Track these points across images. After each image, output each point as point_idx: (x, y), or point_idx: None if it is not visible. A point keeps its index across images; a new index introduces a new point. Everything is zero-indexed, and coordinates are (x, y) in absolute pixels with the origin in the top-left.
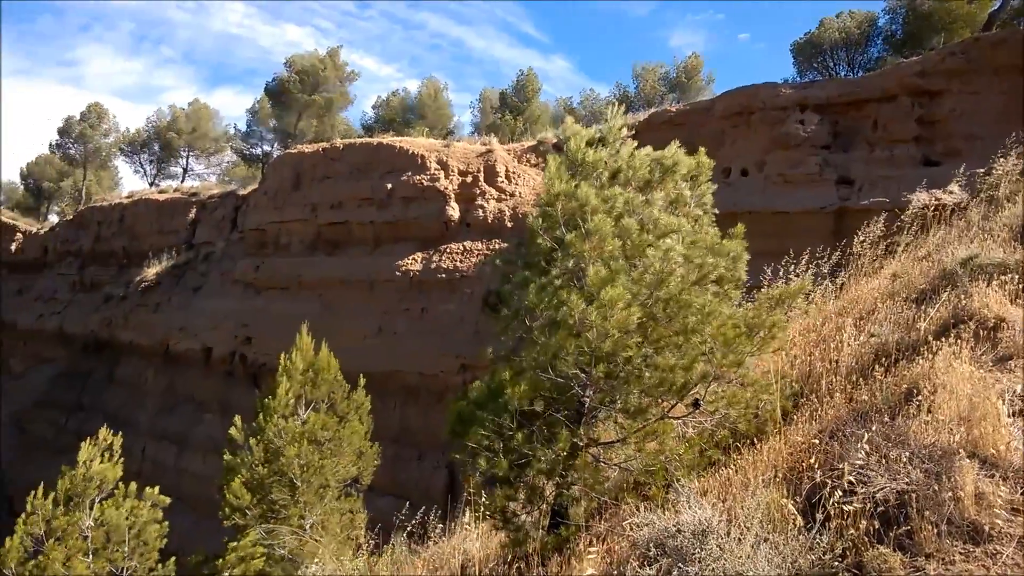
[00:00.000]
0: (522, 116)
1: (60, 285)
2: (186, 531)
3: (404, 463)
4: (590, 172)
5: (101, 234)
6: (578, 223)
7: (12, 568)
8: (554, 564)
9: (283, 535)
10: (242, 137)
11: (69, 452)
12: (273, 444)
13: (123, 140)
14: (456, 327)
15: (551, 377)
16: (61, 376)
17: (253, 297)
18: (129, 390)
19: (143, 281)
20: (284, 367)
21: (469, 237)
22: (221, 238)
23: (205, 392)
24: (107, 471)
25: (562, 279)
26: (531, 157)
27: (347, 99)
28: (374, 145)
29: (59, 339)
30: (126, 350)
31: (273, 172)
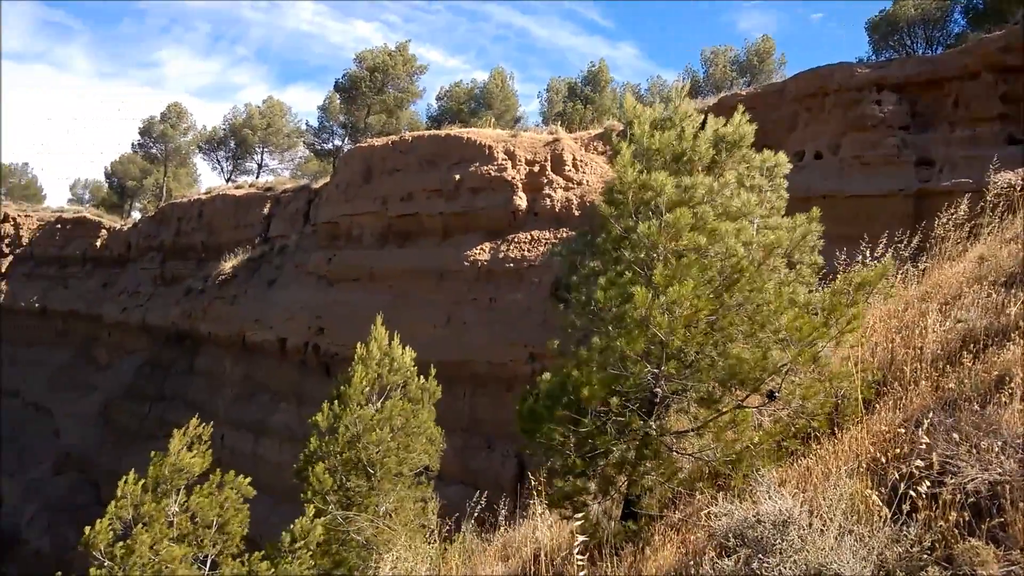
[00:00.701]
0: (592, 105)
1: (143, 279)
2: (263, 518)
3: (473, 452)
4: (656, 156)
5: (181, 229)
6: (649, 211)
7: (101, 550)
8: (627, 554)
9: (359, 521)
10: (313, 132)
11: (153, 439)
12: (350, 431)
13: (201, 138)
14: (524, 316)
15: (621, 371)
16: (145, 366)
17: (326, 289)
18: (208, 380)
19: (221, 274)
20: (360, 356)
21: (537, 226)
22: (295, 231)
23: (280, 382)
24: (196, 460)
25: (631, 270)
26: (598, 145)
27: (415, 92)
28: (442, 137)
29: (142, 331)
30: (205, 341)
31: (344, 166)
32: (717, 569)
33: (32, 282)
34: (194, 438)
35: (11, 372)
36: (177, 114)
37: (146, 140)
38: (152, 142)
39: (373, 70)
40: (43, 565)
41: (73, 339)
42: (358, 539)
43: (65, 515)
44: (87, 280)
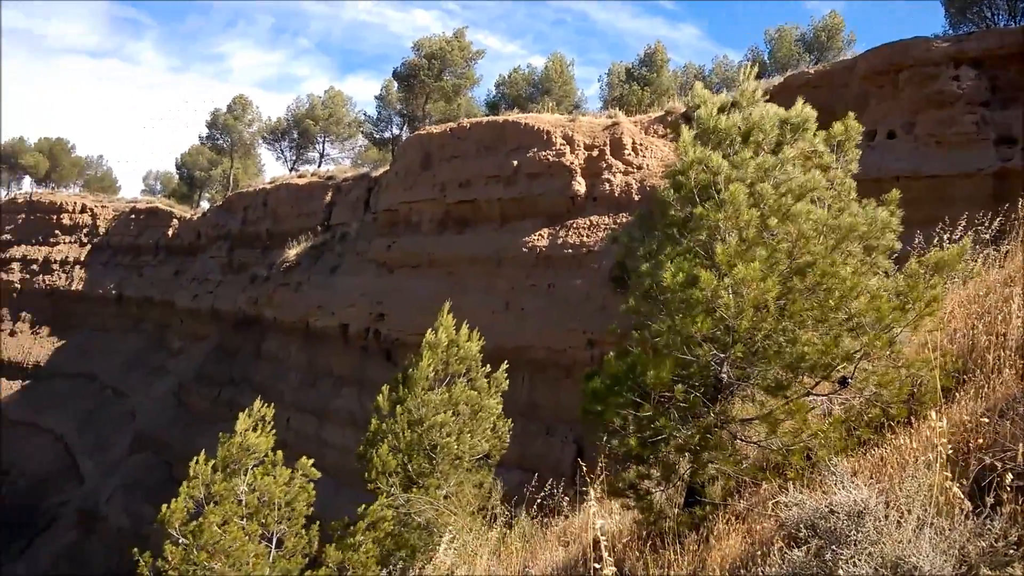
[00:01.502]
0: (650, 88)
1: (212, 267)
2: (327, 499)
3: (532, 437)
4: (722, 138)
5: (247, 218)
6: (712, 193)
7: (176, 528)
8: (690, 542)
9: (420, 504)
10: (372, 121)
11: (223, 422)
12: (414, 414)
13: (265, 129)
14: (583, 302)
15: (684, 356)
16: (214, 351)
17: (386, 275)
18: (274, 364)
19: (285, 262)
20: (427, 341)
21: (596, 212)
22: (355, 219)
23: (343, 366)
24: (261, 441)
25: (694, 252)
26: (658, 128)
27: (473, 79)
28: (500, 123)
29: (212, 317)
30: (271, 327)
31: (403, 153)
32: (787, 560)
33: (109, 270)
34: (258, 419)
35: (90, 357)
36: (242, 106)
37: (213, 132)
38: (218, 133)
39: (431, 57)
40: (122, 539)
41: (147, 325)
42: (419, 521)
43: (141, 493)
44: (160, 268)
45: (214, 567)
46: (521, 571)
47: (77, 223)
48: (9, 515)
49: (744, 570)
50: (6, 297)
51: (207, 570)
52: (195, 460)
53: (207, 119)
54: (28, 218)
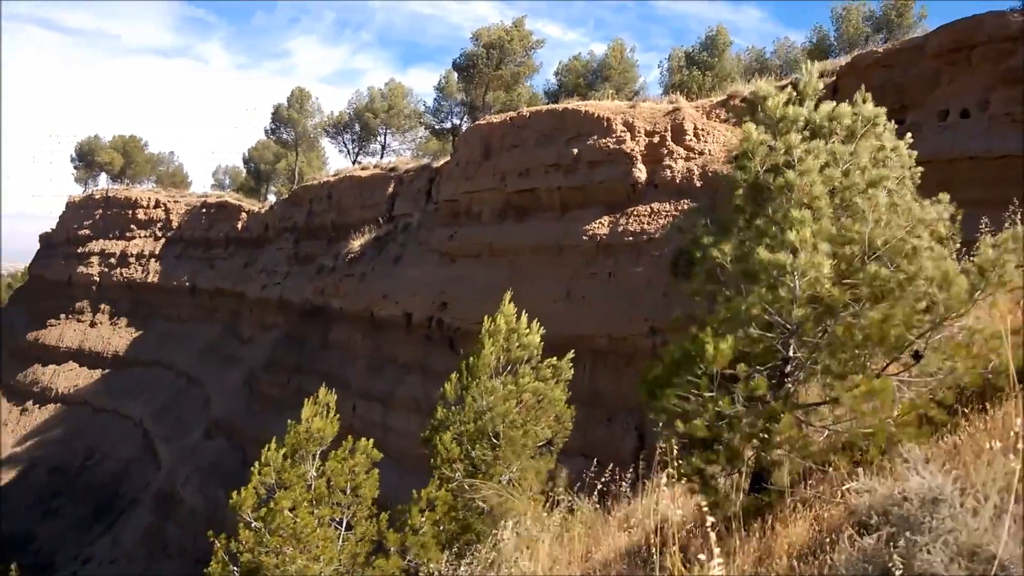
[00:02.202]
0: (711, 72)
1: (279, 258)
2: (392, 484)
3: (593, 425)
4: (789, 128)
5: (312, 210)
6: (779, 174)
7: (248, 512)
8: (756, 529)
9: (484, 489)
10: (432, 112)
11: (292, 409)
12: (477, 402)
13: (328, 122)
14: (644, 290)
15: (750, 335)
16: (283, 340)
17: (448, 265)
18: (340, 353)
19: (349, 252)
20: (488, 329)
21: (657, 199)
22: (417, 210)
23: (407, 355)
24: (326, 427)
25: (762, 232)
26: (720, 113)
27: (532, 68)
28: (559, 111)
29: (281, 307)
30: (337, 316)
31: (463, 144)
32: (857, 547)
33: (182, 263)
34: (323, 406)
35: (166, 346)
36: (301, 99)
37: (277, 125)
38: (282, 127)
39: (490, 47)
40: (197, 522)
41: (220, 315)
42: (483, 506)
43: (215, 477)
44: (230, 260)
45: (286, 551)
46: (584, 556)
47: (151, 218)
48: (94, 497)
49: (812, 557)
50: (86, 290)
51: (279, 553)
52: (266, 447)
53: (271, 113)
54: (105, 213)
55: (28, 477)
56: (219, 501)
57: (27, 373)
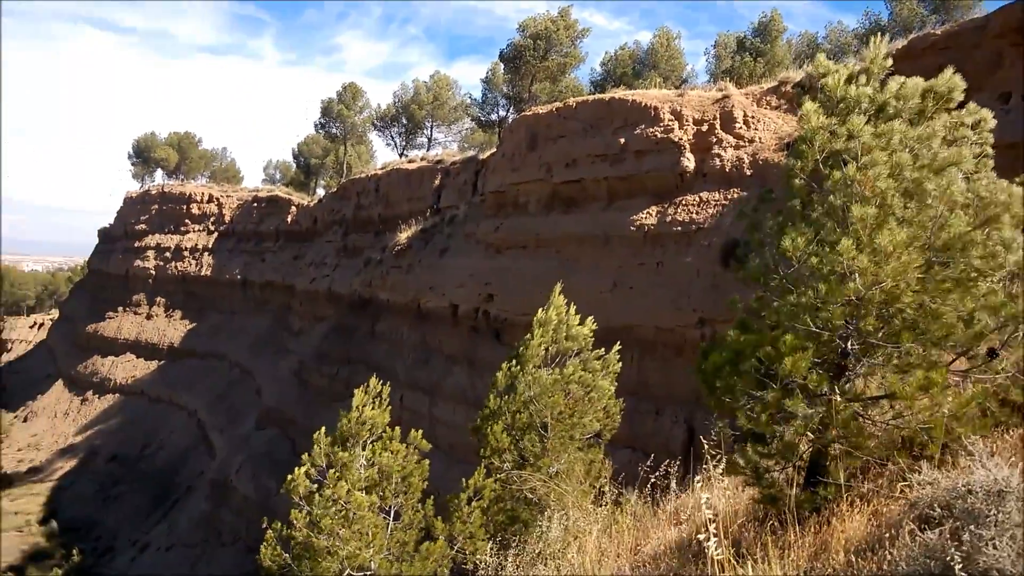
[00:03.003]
0: (762, 58)
1: (328, 251)
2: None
3: (642, 417)
4: (852, 108)
5: (360, 203)
6: (841, 160)
7: (300, 496)
8: (811, 523)
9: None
10: (478, 104)
11: (341, 399)
12: (525, 393)
13: (375, 116)
14: (693, 280)
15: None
16: (332, 332)
17: (494, 256)
18: (388, 344)
19: (397, 245)
20: (538, 320)
21: (705, 188)
22: (464, 201)
23: (453, 346)
24: (377, 416)
25: (823, 223)
26: (771, 100)
27: (578, 58)
28: (606, 100)
29: (329, 299)
30: (384, 308)
31: (509, 135)
32: (918, 541)
33: (234, 256)
34: (375, 396)
35: (219, 338)
36: (352, 94)
37: (326, 120)
38: (331, 121)
39: (536, 38)
40: (249, 509)
41: (270, 307)
42: (531, 497)
43: (267, 466)
44: (280, 253)
45: (338, 531)
46: (633, 549)
47: (205, 212)
48: (152, 485)
49: (870, 552)
50: (143, 283)
51: (331, 535)
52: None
53: (320, 107)
54: (161, 209)
55: (89, 465)
56: (270, 490)
57: (87, 364)
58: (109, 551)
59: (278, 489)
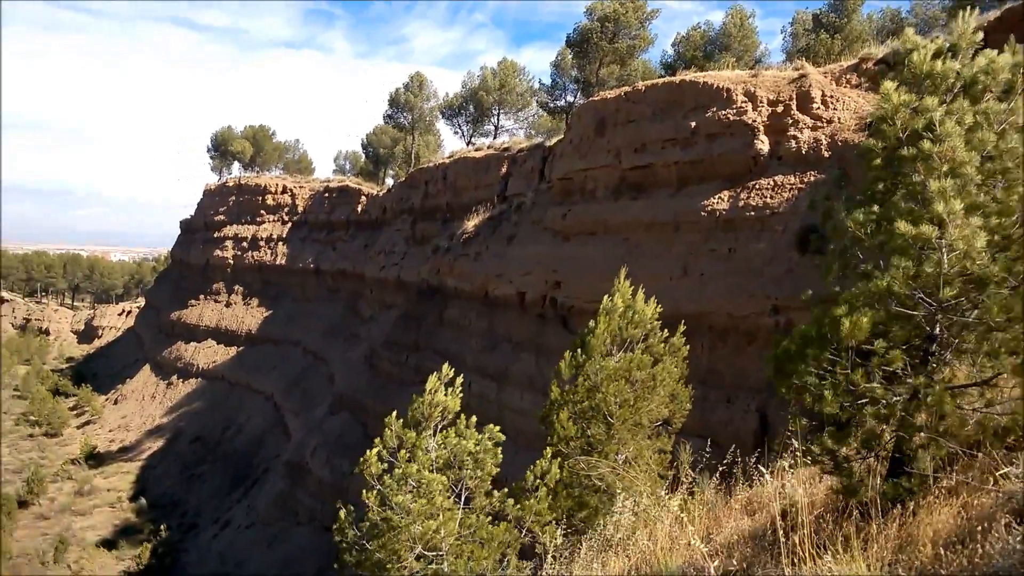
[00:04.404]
0: (840, 35)
1: (397, 239)
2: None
3: (712, 405)
4: (938, 85)
5: (428, 192)
6: (922, 139)
7: (372, 475)
8: (895, 515)
9: (600, 468)
10: (546, 90)
11: (410, 385)
12: (590, 380)
13: (443, 105)
14: (766, 267)
15: (890, 312)
16: (401, 319)
17: (561, 243)
18: (456, 331)
19: (464, 233)
20: (603, 307)
21: (780, 171)
22: (531, 189)
23: (521, 333)
24: (449, 401)
25: (902, 203)
26: (852, 78)
27: (648, 40)
28: (676, 83)
29: (398, 287)
30: (452, 295)
31: (577, 121)
32: (1014, 535)
33: (307, 245)
34: (447, 381)
35: (294, 324)
36: (419, 83)
37: (394, 110)
38: (400, 111)
39: (604, 20)
40: (324, 490)
41: (342, 295)
42: (599, 484)
43: (340, 450)
44: (351, 242)
45: (411, 507)
46: (704, 538)
47: (279, 203)
48: (232, 465)
49: (959, 546)
50: (222, 272)
51: (403, 515)
52: (393, 416)
53: (389, 98)
54: (238, 200)
55: (174, 446)
56: (343, 472)
57: (171, 350)
58: (193, 527)
59: (351, 471)
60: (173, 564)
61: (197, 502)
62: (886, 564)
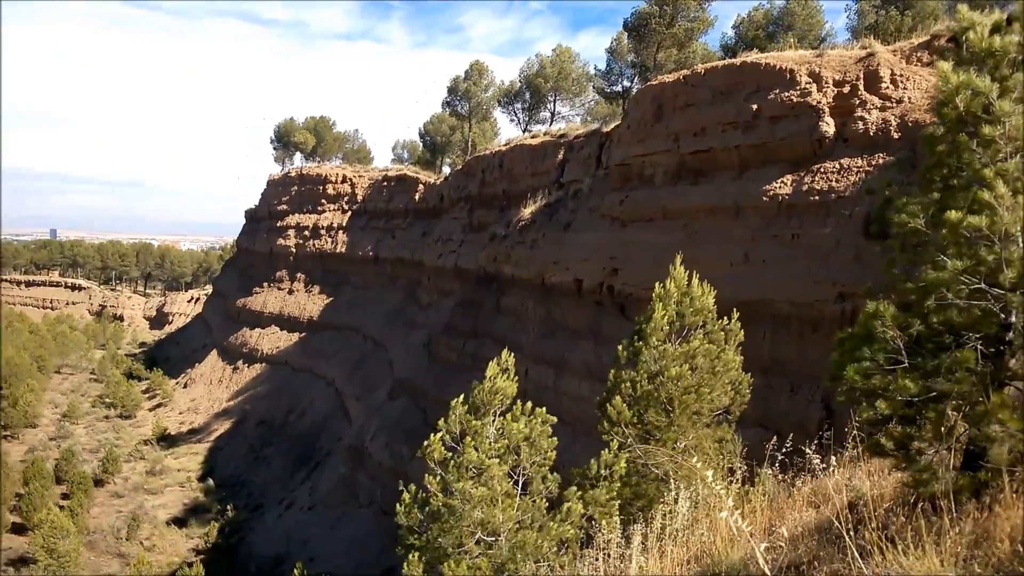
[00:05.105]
0: (911, 11)
1: (454, 227)
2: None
3: (775, 394)
4: (999, 61)
5: (485, 180)
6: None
7: (435, 460)
8: (969, 510)
9: (657, 455)
10: (602, 75)
11: (468, 371)
12: (649, 367)
13: (499, 93)
14: (832, 253)
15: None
16: (459, 306)
17: (619, 230)
18: (513, 318)
19: (521, 220)
20: (658, 294)
21: (846, 154)
22: (587, 175)
23: (578, 320)
24: (507, 387)
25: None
26: (923, 55)
27: (707, 22)
28: (737, 65)
29: (456, 274)
30: (509, 282)
31: (634, 106)
32: None
33: (366, 233)
34: (505, 367)
35: (354, 311)
36: (478, 71)
37: (452, 98)
38: (457, 100)
39: (662, 3)
40: (383, 474)
41: (401, 282)
42: (656, 472)
43: (399, 434)
44: (409, 230)
45: (471, 492)
46: (766, 530)
47: (339, 192)
48: (295, 448)
49: None
50: (285, 260)
51: (464, 496)
52: (453, 401)
53: (447, 86)
54: (300, 190)
55: (240, 428)
56: (403, 456)
57: (237, 336)
58: (258, 508)
59: (410, 456)
60: (239, 543)
61: (262, 483)
62: (960, 560)
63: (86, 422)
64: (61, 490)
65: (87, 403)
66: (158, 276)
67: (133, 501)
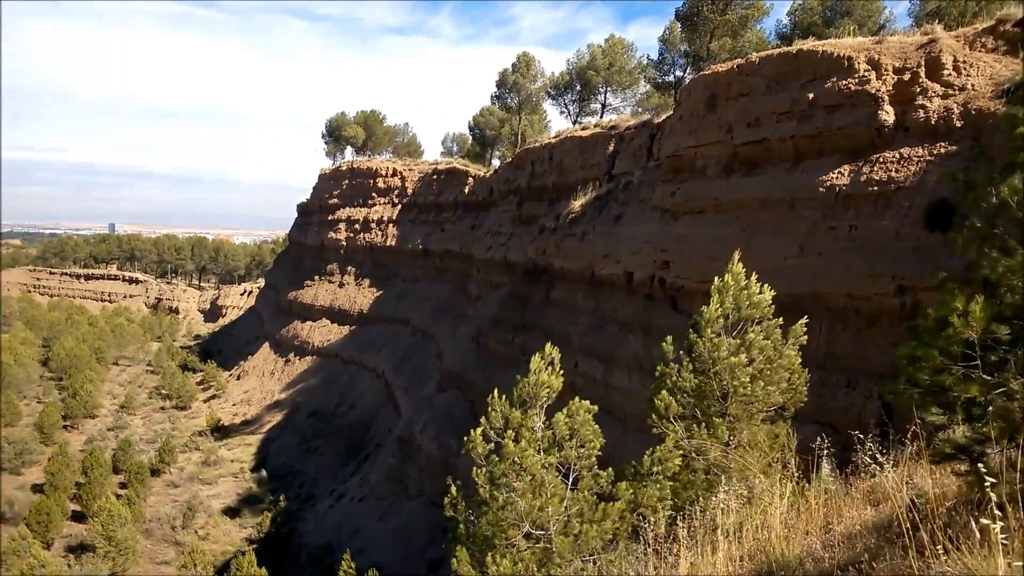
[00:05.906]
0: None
1: (503, 220)
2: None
3: (831, 390)
4: None
5: (535, 172)
6: None
7: (479, 452)
8: None
9: (710, 450)
10: (654, 66)
11: (516, 364)
12: (703, 360)
13: (549, 84)
14: (891, 245)
15: None
16: (508, 299)
17: (670, 222)
18: (562, 311)
19: (570, 213)
20: (715, 287)
21: (907, 143)
22: (638, 167)
23: (628, 313)
24: (552, 380)
25: None
26: (987, 41)
27: (762, 10)
28: (793, 53)
29: (505, 267)
30: (558, 275)
31: (687, 96)
32: None
33: (416, 227)
34: (550, 360)
35: (403, 303)
36: (526, 63)
37: (502, 91)
38: (507, 92)
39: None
40: (432, 466)
41: (450, 275)
42: (706, 465)
43: (448, 426)
44: (458, 223)
45: (516, 485)
46: (823, 528)
47: (389, 186)
48: (346, 439)
49: None
50: (335, 253)
51: (510, 490)
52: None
53: (496, 79)
54: (350, 183)
55: (292, 420)
56: (452, 448)
57: (289, 328)
58: (310, 498)
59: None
60: (292, 533)
61: (314, 474)
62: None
63: (143, 413)
64: (119, 479)
65: (144, 394)
66: (212, 269)
67: (188, 491)
